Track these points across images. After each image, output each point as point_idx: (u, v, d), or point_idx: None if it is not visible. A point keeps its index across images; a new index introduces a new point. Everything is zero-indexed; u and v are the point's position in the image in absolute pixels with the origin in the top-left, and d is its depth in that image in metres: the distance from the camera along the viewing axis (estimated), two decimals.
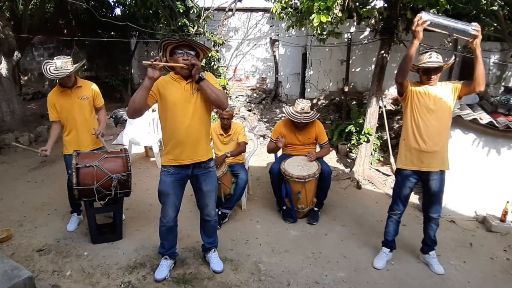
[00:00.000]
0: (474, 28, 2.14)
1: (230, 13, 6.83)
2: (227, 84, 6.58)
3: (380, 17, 3.97)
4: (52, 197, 3.78)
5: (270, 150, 3.67)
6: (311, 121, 3.38)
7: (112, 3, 7.45)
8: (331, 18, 3.47)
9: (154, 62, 2.03)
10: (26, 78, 9.02)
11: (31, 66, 9.06)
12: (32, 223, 3.24)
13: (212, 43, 6.41)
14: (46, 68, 2.86)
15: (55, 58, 2.88)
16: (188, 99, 2.23)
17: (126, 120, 5.82)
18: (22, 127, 5.97)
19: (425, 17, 2.16)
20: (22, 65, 8.56)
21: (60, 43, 8.41)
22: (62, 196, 3.46)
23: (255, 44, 7.46)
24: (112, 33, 7.66)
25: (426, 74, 2.48)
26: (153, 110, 4.63)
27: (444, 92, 2.49)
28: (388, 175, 4.56)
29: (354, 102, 6.18)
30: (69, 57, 2.92)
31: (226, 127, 3.51)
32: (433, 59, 2.45)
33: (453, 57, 2.49)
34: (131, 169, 2.84)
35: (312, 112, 3.42)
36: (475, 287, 2.54)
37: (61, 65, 2.82)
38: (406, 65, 2.37)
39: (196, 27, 6.07)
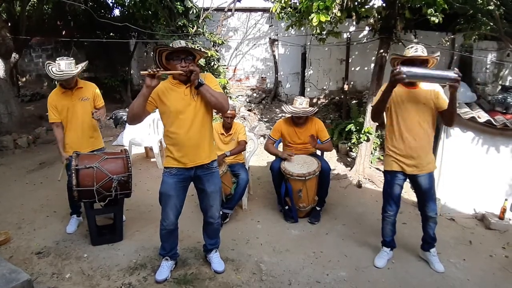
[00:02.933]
0: (455, 72, 2.12)
1: (229, 13, 6.83)
2: (227, 83, 6.58)
3: (379, 16, 3.98)
4: (51, 199, 3.76)
5: (269, 151, 3.60)
6: (311, 119, 3.44)
7: (111, 4, 7.43)
8: (330, 18, 3.49)
9: (152, 72, 2.02)
10: (24, 79, 8.99)
11: (29, 67, 9.02)
12: (31, 225, 3.22)
13: (212, 43, 6.41)
14: (49, 69, 2.87)
15: (57, 59, 2.90)
16: (188, 104, 2.22)
17: (126, 121, 5.81)
18: (20, 128, 5.96)
19: (403, 70, 2.16)
20: (20, 66, 8.53)
21: (58, 44, 8.37)
22: (61, 198, 3.45)
23: (254, 44, 7.46)
24: (111, 34, 7.63)
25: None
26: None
27: (426, 96, 2.41)
28: None
29: (354, 101, 6.19)
30: (72, 58, 2.94)
31: (228, 126, 3.52)
32: (418, 53, 2.35)
33: (438, 53, 2.41)
34: (131, 170, 2.84)
35: (311, 108, 3.45)
36: (474, 285, 2.54)
37: (65, 67, 2.84)
38: (384, 104, 2.37)
39: (195, 28, 6.06)
